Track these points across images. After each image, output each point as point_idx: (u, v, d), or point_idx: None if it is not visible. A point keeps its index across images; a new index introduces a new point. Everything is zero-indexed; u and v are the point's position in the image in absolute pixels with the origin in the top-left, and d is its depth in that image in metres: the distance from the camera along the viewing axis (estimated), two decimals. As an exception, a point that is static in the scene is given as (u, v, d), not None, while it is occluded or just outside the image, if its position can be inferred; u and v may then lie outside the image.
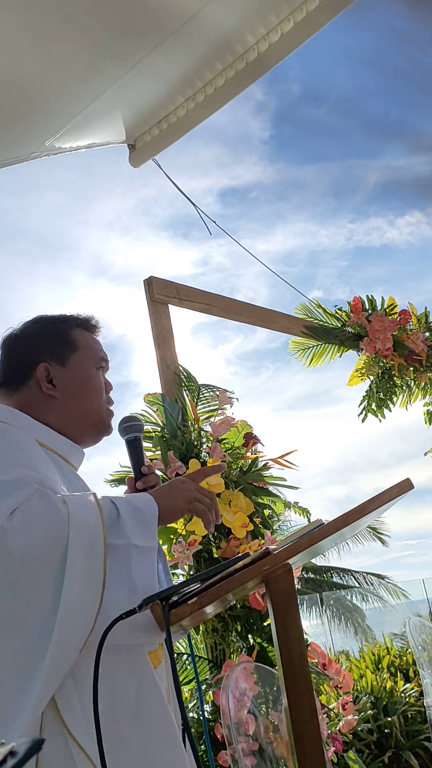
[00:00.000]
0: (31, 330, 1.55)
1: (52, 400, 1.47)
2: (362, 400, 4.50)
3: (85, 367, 1.52)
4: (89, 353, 1.54)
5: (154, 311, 3.04)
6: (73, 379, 1.49)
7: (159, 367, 2.98)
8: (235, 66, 3.26)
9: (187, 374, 3.02)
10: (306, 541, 1.13)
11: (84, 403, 1.49)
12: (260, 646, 2.64)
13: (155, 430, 2.84)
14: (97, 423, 1.51)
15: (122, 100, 3.23)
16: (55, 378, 1.48)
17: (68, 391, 1.48)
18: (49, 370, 1.48)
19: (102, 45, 2.67)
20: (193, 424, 2.86)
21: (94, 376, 1.53)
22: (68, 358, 1.51)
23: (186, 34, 2.88)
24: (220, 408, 2.94)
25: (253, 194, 51.10)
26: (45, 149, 3.20)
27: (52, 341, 1.52)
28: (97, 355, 1.55)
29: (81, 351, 1.53)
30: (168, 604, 1.10)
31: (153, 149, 3.73)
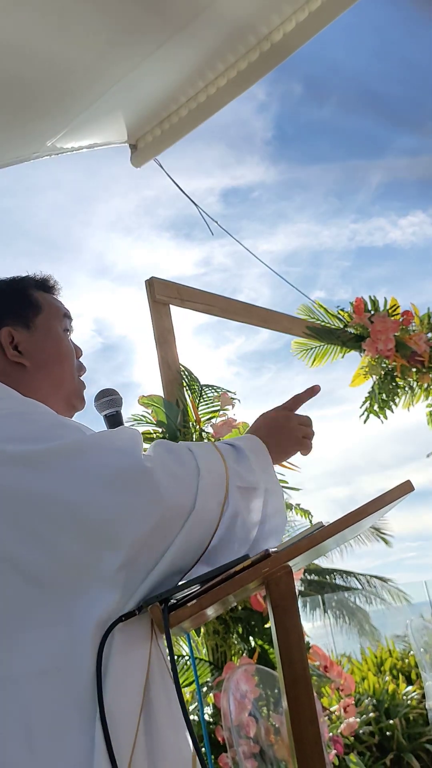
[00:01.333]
0: None
1: (21, 368, 1.29)
2: (364, 401, 4.49)
3: (53, 329, 1.34)
4: (53, 313, 1.36)
5: (155, 312, 3.04)
6: (42, 343, 1.32)
7: (160, 368, 2.98)
8: (237, 66, 3.25)
9: (188, 375, 3.01)
10: (306, 543, 1.12)
11: (56, 370, 1.32)
12: (261, 648, 2.63)
13: (156, 431, 2.84)
14: (71, 395, 1.35)
15: (124, 100, 3.23)
16: (21, 343, 1.30)
17: (39, 358, 1.30)
18: (13, 335, 1.30)
19: (104, 46, 2.67)
20: (194, 425, 2.85)
21: (63, 340, 1.35)
22: (32, 320, 1.33)
23: (188, 35, 2.88)
24: (222, 409, 2.93)
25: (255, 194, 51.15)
26: (47, 149, 3.20)
27: (12, 303, 1.34)
28: (60, 315, 1.37)
29: (45, 312, 1.35)
30: (167, 606, 1.09)
31: (155, 149, 3.73)
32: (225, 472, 1.16)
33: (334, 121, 44.80)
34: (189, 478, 1.12)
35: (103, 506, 1.05)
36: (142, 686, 1.13)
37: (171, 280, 3.23)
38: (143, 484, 1.07)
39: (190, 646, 2.28)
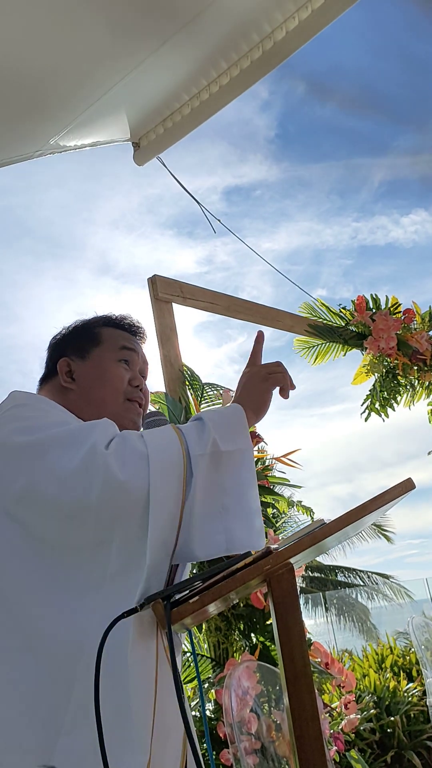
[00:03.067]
0: (65, 330, 1.59)
1: (70, 392, 1.47)
2: (365, 398, 4.50)
3: (104, 358, 1.50)
4: (110, 345, 1.52)
5: (157, 310, 3.04)
6: (90, 371, 1.49)
7: (162, 366, 2.98)
8: (240, 64, 3.25)
9: (190, 373, 3.02)
10: (308, 540, 1.13)
11: (98, 393, 1.47)
12: (263, 645, 2.64)
13: (159, 428, 2.84)
14: (116, 416, 1.44)
15: (127, 98, 3.23)
16: (75, 371, 1.49)
17: (84, 383, 1.48)
18: (69, 364, 1.49)
19: (107, 44, 2.67)
20: (196, 419, 2.86)
21: (112, 368, 1.50)
22: (89, 351, 1.51)
23: (191, 33, 2.88)
24: (224, 407, 2.94)
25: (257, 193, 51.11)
26: (50, 147, 3.20)
27: (76, 338, 1.54)
28: (117, 345, 1.53)
29: (103, 345, 1.52)
30: (169, 602, 1.10)
31: (158, 147, 3.73)
32: (181, 447, 1.22)
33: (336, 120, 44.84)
34: (140, 461, 1.18)
35: (74, 496, 1.16)
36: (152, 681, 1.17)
37: (173, 278, 3.24)
38: (98, 471, 1.15)
39: (192, 643, 2.29)
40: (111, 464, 1.14)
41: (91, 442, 1.18)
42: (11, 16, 2.29)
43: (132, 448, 1.19)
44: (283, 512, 2.96)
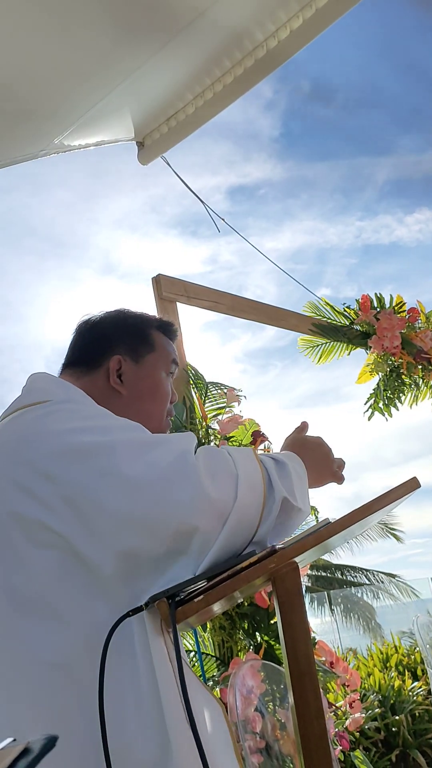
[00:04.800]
0: (110, 319, 1.51)
1: (117, 396, 1.41)
2: (369, 397, 4.50)
3: (157, 369, 1.45)
4: (163, 357, 1.47)
5: (161, 309, 3.04)
6: (143, 378, 1.43)
7: (167, 366, 2.98)
8: (244, 63, 3.25)
9: (194, 372, 3.02)
10: (313, 539, 1.13)
11: (148, 406, 1.43)
12: (268, 644, 2.64)
13: (163, 428, 2.85)
14: (155, 430, 1.40)
15: (131, 98, 3.23)
16: (125, 373, 1.42)
17: (135, 390, 1.42)
18: (122, 364, 1.42)
19: (111, 42, 2.68)
20: (200, 422, 2.86)
21: (163, 382, 1.46)
22: (143, 356, 1.45)
23: (195, 32, 2.88)
24: (228, 406, 2.94)
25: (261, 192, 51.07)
26: (54, 147, 3.21)
27: (130, 335, 1.47)
28: (169, 359, 1.49)
29: (157, 352, 1.47)
30: (174, 601, 1.10)
31: (162, 146, 3.73)
32: (262, 479, 1.18)
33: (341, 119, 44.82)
34: (229, 479, 1.14)
35: (150, 502, 1.10)
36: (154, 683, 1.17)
37: (177, 277, 3.24)
38: (187, 480, 1.11)
39: (197, 642, 2.29)
40: (202, 477, 1.10)
41: (181, 449, 1.14)
42: (15, 16, 2.30)
43: (224, 465, 1.15)
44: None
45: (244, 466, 1.17)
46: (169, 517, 1.09)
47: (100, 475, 1.10)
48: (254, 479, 1.16)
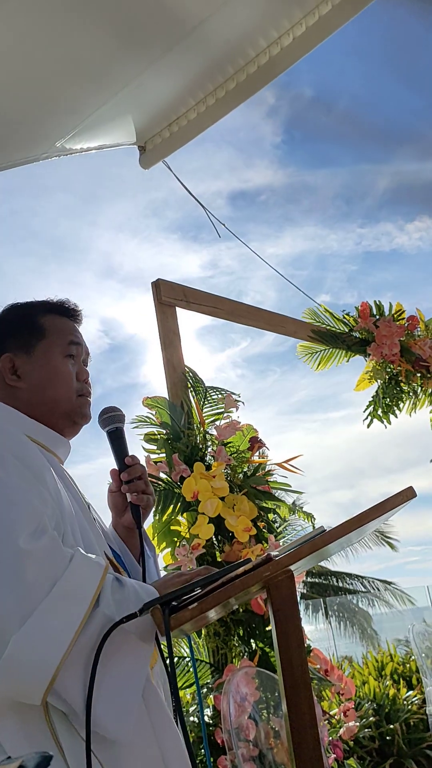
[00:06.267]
0: (1, 318, 1.50)
1: (19, 391, 1.41)
2: (368, 405, 4.49)
3: (50, 354, 1.44)
4: (56, 339, 1.46)
5: (161, 313, 3.04)
6: (38, 368, 1.43)
7: (165, 369, 2.98)
8: (246, 69, 3.26)
9: (193, 376, 3.02)
10: (308, 548, 1.12)
11: (50, 392, 1.42)
12: (262, 651, 2.63)
13: (160, 433, 2.84)
14: (69, 413, 1.44)
15: (134, 102, 3.23)
16: (20, 368, 1.43)
17: (34, 382, 1.42)
18: (13, 361, 1.43)
19: (114, 47, 2.68)
20: (198, 426, 2.86)
21: (60, 364, 1.45)
22: (33, 346, 1.44)
23: (198, 38, 2.88)
24: (226, 411, 2.94)
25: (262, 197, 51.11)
26: (56, 150, 3.21)
27: (18, 329, 1.47)
28: (65, 341, 1.47)
29: (48, 338, 1.46)
30: (169, 608, 1.10)
31: (163, 151, 3.73)
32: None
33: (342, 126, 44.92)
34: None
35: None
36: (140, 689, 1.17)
37: (177, 282, 3.24)
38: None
39: (191, 648, 2.28)
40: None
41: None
42: (19, 20, 2.30)
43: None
44: (284, 518, 2.95)
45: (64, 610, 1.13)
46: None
47: None
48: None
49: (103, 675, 1.10)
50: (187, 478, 2.63)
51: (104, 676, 1.11)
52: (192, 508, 2.64)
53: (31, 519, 1.16)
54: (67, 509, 1.29)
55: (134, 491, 1.46)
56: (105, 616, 1.13)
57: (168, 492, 2.66)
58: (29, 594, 1.09)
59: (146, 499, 1.47)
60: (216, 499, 2.56)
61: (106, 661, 1.11)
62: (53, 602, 1.10)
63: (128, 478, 1.47)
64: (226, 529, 2.65)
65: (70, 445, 1.48)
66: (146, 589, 1.22)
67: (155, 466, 2.71)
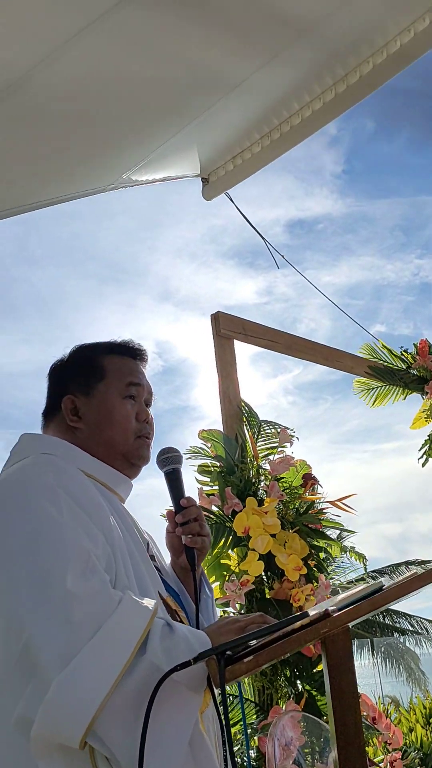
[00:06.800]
0: (67, 359, 1.55)
1: (78, 431, 1.44)
2: (424, 443, 4.39)
3: (108, 395, 1.46)
4: (115, 380, 1.48)
5: (219, 345, 3.05)
6: (96, 409, 1.45)
7: (221, 402, 2.98)
8: (312, 105, 3.27)
9: (248, 410, 3.01)
10: (367, 605, 1.10)
11: (108, 433, 1.44)
12: (309, 694, 2.57)
13: (213, 465, 2.84)
14: (126, 454, 1.46)
15: (200, 135, 3.28)
16: (81, 409, 1.46)
17: (92, 422, 1.44)
18: (75, 402, 1.46)
19: (185, 84, 2.73)
20: (252, 460, 2.84)
21: (118, 405, 1.46)
22: (94, 387, 1.47)
23: (266, 74, 2.91)
24: (281, 446, 2.91)
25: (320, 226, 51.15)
26: (122, 181, 3.27)
27: (80, 370, 1.50)
28: (124, 381, 1.48)
29: (108, 379, 1.48)
30: (224, 659, 1.08)
31: (226, 183, 3.77)
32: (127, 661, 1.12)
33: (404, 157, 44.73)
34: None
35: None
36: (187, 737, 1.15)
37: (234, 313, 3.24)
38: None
39: (240, 689, 2.25)
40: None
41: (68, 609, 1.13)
42: (93, 59, 2.36)
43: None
44: (334, 557, 2.90)
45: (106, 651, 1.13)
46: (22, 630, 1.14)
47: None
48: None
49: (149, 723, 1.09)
50: (239, 513, 2.61)
51: (150, 724, 1.10)
52: (242, 543, 2.61)
53: (80, 559, 1.17)
54: (121, 548, 1.29)
55: (189, 533, 1.45)
56: (151, 663, 1.12)
57: (219, 526, 2.65)
58: (74, 637, 1.09)
59: (201, 542, 1.46)
60: (267, 536, 2.53)
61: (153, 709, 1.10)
62: (97, 646, 1.09)
63: (183, 520, 1.46)
64: (276, 567, 2.62)
65: (131, 483, 1.49)
66: (198, 637, 1.20)
67: (207, 498, 2.70)
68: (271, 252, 4.14)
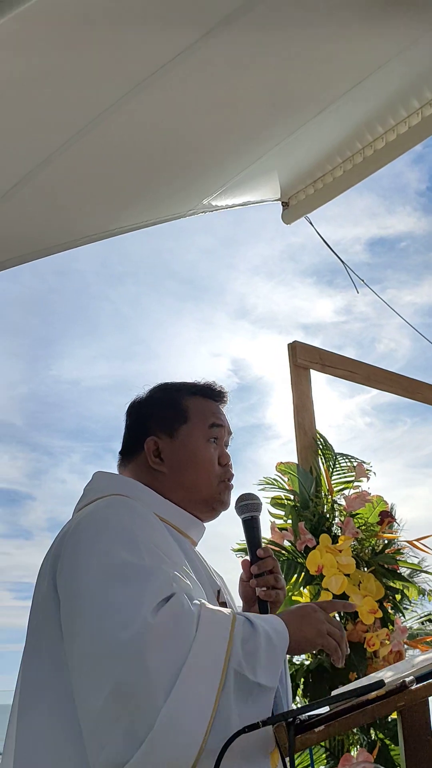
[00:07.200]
0: (147, 399, 1.53)
1: (160, 474, 1.42)
2: None
3: (193, 439, 1.45)
4: (199, 423, 1.46)
5: (295, 376, 2.99)
6: (180, 452, 1.43)
7: (296, 433, 2.92)
8: (397, 129, 3.20)
9: (324, 441, 2.93)
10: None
11: (190, 477, 1.42)
12: (382, 743, 2.45)
13: (287, 498, 2.77)
14: (208, 499, 1.44)
15: (281, 160, 3.26)
16: (164, 451, 1.44)
17: (174, 465, 1.42)
18: (158, 444, 1.44)
19: (268, 111, 2.71)
20: (326, 495, 2.76)
21: (202, 449, 1.44)
22: (177, 429, 1.45)
23: (351, 99, 2.87)
24: (357, 480, 2.82)
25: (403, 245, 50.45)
26: (202, 207, 3.27)
27: (163, 411, 1.48)
28: (207, 423, 1.47)
29: (191, 421, 1.46)
30: (294, 727, 1.02)
31: (307, 207, 3.74)
32: (225, 658, 1.10)
33: None
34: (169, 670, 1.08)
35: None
36: None
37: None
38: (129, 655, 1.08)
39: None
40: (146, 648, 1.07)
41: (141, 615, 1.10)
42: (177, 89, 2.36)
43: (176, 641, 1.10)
44: (411, 599, 2.77)
45: (204, 634, 1.11)
46: (105, 674, 1.08)
47: (71, 620, 1.18)
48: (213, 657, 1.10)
49: None
50: (312, 551, 2.52)
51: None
52: (315, 581, 2.53)
53: (161, 589, 1.14)
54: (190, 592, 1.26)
55: (263, 586, 1.40)
56: (235, 672, 1.10)
57: (291, 562, 2.57)
58: (168, 669, 1.07)
59: (275, 595, 1.41)
60: (341, 576, 2.44)
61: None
62: (191, 672, 1.07)
63: (258, 571, 1.41)
64: (350, 607, 2.52)
65: (204, 527, 1.47)
66: (279, 633, 1.18)
67: (280, 533, 2.64)
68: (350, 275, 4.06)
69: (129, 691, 1.05)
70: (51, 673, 1.19)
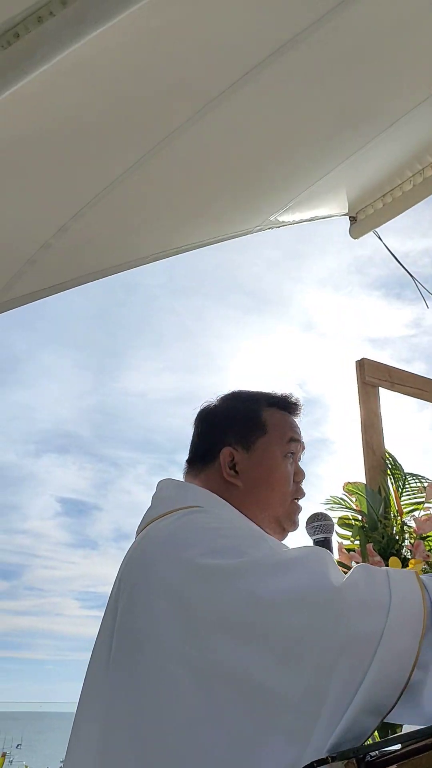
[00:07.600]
0: (222, 407, 1.48)
1: (233, 487, 1.37)
2: None
3: (270, 453, 1.40)
4: (277, 437, 1.41)
5: (363, 394, 2.94)
6: (256, 466, 1.39)
7: (364, 452, 2.86)
8: (470, 141, 3.13)
9: (393, 461, 2.86)
10: None
11: (265, 494, 1.37)
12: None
13: (355, 518, 2.71)
14: (279, 518, 1.38)
15: (349, 175, 3.23)
16: (239, 463, 1.39)
17: (249, 480, 1.37)
18: (233, 455, 1.39)
19: (335, 127, 2.69)
20: (395, 516, 2.69)
21: (279, 465, 1.40)
22: (254, 442, 1.40)
23: (422, 111, 2.82)
24: (427, 502, 2.74)
25: (472, 255, 49.22)
26: (269, 223, 3.27)
27: (240, 422, 1.43)
28: (285, 437, 1.42)
29: (269, 435, 1.41)
30: (365, 764, 0.99)
31: (375, 222, 3.69)
32: (423, 608, 1.03)
33: None
34: (379, 607, 1.02)
35: (285, 627, 1.02)
36: None
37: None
38: (329, 606, 1.01)
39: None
40: (344, 606, 1.01)
41: (318, 571, 1.05)
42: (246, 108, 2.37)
43: (374, 592, 1.04)
44: None
45: (401, 593, 1.04)
46: (306, 648, 1.00)
47: (233, 600, 1.05)
48: (412, 608, 1.03)
49: None
50: (380, 573, 2.46)
51: None
52: (384, 605, 2.46)
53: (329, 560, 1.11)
54: None
55: None
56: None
57: (359, 584, 2.51)
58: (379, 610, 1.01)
59: None
60: (411, 601, 2.36)
61: None
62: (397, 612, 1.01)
63: None
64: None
65: None
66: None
67: (347, 554, 2.58)
68: (419, 288, 3.99)
69: (353, 649, 1.00)
70: (123, 683, 1.13)
